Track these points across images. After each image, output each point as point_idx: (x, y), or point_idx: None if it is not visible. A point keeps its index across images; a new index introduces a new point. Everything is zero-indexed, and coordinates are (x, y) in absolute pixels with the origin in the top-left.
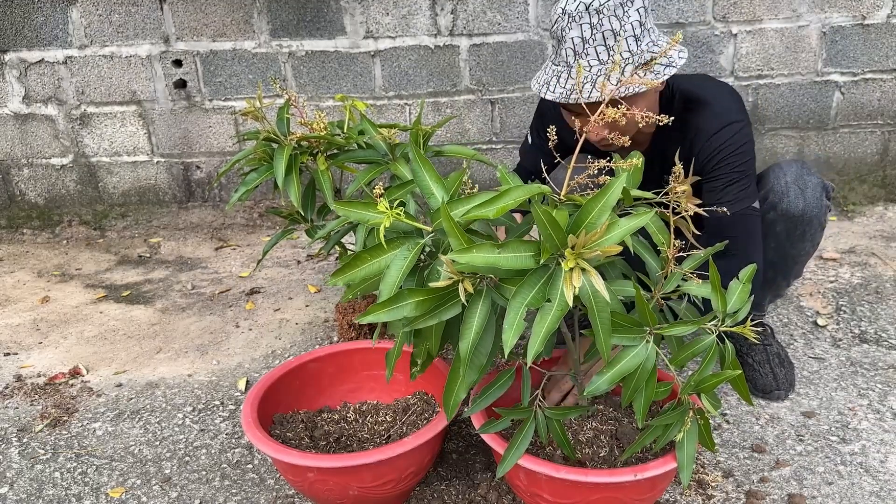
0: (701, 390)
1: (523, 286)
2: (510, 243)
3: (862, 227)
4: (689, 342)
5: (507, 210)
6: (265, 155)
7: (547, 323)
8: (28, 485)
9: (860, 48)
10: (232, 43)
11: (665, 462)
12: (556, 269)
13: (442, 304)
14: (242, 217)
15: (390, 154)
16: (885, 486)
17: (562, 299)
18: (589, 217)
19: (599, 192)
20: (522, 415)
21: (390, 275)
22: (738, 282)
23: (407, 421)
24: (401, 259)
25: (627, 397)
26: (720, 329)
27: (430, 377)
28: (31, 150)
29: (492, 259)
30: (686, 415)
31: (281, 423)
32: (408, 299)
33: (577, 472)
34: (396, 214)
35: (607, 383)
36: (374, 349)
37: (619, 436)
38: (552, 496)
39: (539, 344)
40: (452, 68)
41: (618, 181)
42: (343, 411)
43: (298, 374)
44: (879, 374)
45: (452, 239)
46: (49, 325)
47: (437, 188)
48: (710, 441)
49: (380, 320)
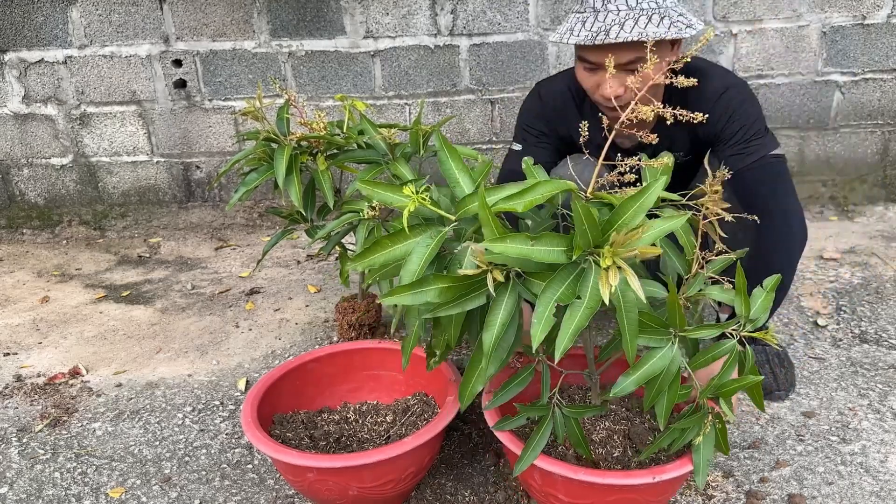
0: (720, 395)
1: (553, 281)
2: (544, 236)
3: (862, 227)
4: (709, 346)
5: (535, 204)
6: (265, 155)
7: (576, 320)
8: (28, 485)
9: (860, 48)
10: (232, 43)
11: (682, 464)
12: (588, 265)
13: (466, 294)
14: (242, 217)
15: (390, 154)
16: (886, 486)
17: (593, 297)
18: (624, 217)
19: (637, 193)
20: (541, 412)
21: (412, 262)
22: (761, 290)
23: (407, 422)
24: (423, 246)
25: (650, 400)
26: (741, 334)
27: (430, 378)
28: (31, 150)
29: (525, 251)
30: (705, 419)
31: (281, 424)
32: (432, 284)
33: (595, 473)
34: (422, 199)
35: (634, 384)
36: (374, 349)
37: (631, 436)
38: (568, 497)
39: (568, 340)
40: (452, 68)
41: (656, 184)
42: (343, 411)
43: (298, 374)
44: (880, 374)
45: (486, 228)
46: (49, 325)
47: (462, 177)
48: (725, 445)
49: (402, 303)
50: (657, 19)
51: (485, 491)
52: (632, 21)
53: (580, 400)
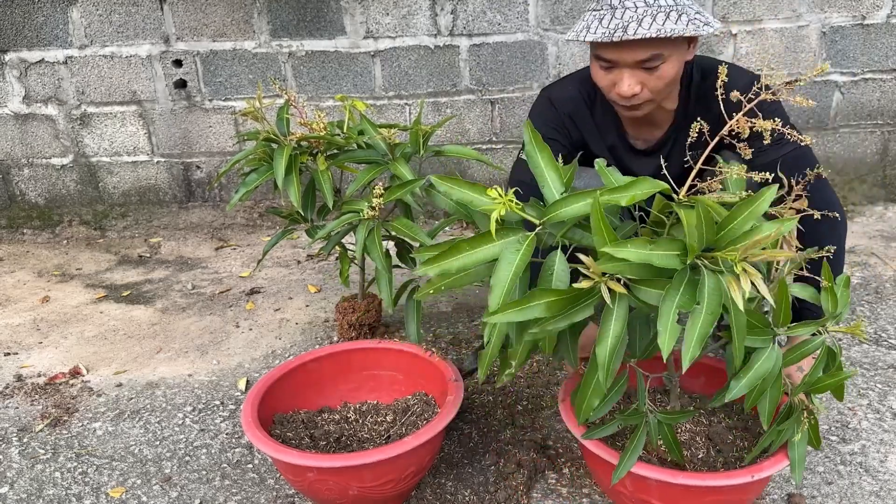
0: (813, 391)
1: (672, 288)
2: (661, 241)
3: (862, 226)
4: (798, 343)
5: (638, 200)
6: (265, 155)
7: (699, 327)
8: (28, 484)
9: (860, 48)
10: (232, 43)
11: (778, 461)
12: (703, 271)
13: (575, 306)
14: (242, 217)
15: (390, 154)
16: (885, 485)
17: (712, 302)
18: (735, 222)
19: (750, 199)
20: (637, 420)
21: (501, 269)
22: (838, 286)
23: (407, 421)
24: (511, 252)
25: (752, 400)
26: (829, 330)
27: (430, 378)
28: (32, 150)
29: (644, 255)
30: (801, 416)
31: (281, 423)
32: (539, 299)
33: (695, 476)
34: (510, 203)
35: (746, 388)
36: (374, 349)
37: (711, 436)
38: (662, 501)
39: (695, 348)
40: (452, 68)
41: (769, 190)
42: (343, 411)
43: (298, 374)
44: (879, 374)
45: (598, 237)
46: (49, 324)
47: (552, 177)
48: (817, 439)
49: (509, 320)
50: (675, 16)
51: (485, 491)
52: (650, 18)
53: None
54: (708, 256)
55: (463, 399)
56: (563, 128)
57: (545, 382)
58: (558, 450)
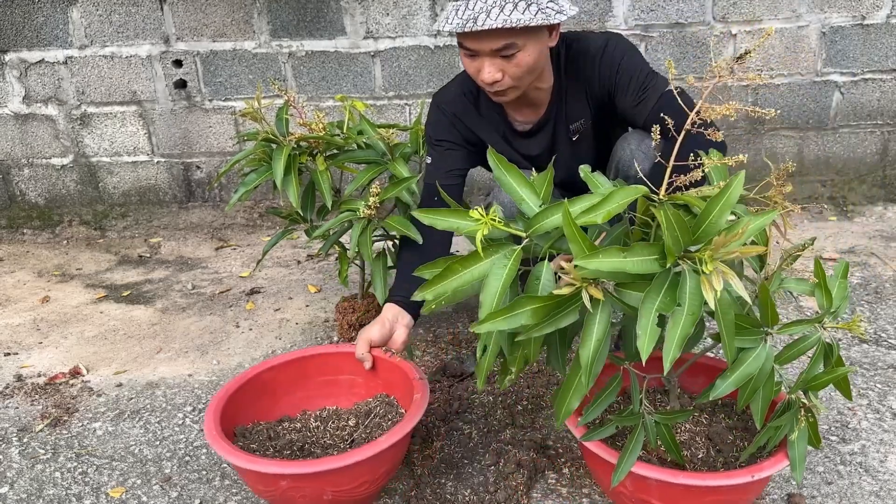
0: (810, 388)
1: (651, 291)
2: (635, 247)
3: (861, 227)
4: (794, 341)
5: (614, 215)
6: (264, 155)
7: (680, 328)
8: (28, 484)
9: (860, 48)
10: (232, 43)
11: (778, 461)
12: (683, 272)
13: (559, 312)
14: (242, 217)
15: (389, 154)
16: (885, 485)
17: (693, 303)
18: (709, 218)
19: (719, 192)
20: (633, 421)
21: (490, 285)
22: (835, 279)
23: (371, 424)
24: (500, 267)
25: (745, 399)
26: (826, 327)
27: (390, 379)
28: (32, 150)
29: (618, 264)
30: (798, 414)
31: (244, 436)
32: (525, 307)
33: (695, 476)
34: (493, 221)
35: (732, 386)
36: (330, 354)
37: (711, 436)
38: (662, 501)
39: (675, 349)
40: (452, 68)
41: (736, 180)
42: (303, 419)
43: (253, 385)
44: (879, 374)
45: (574, 245)
46: (49, 324)
47: (527, 193)
48: (816, 438)
49: (497, 328)
50: (524, 6)
51: (485, 491)
52: (497, 9)
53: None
54: (690, 256)
55: (463, 399)
56: (454, 128)
57: (545, 382)
58: (558, 450)
